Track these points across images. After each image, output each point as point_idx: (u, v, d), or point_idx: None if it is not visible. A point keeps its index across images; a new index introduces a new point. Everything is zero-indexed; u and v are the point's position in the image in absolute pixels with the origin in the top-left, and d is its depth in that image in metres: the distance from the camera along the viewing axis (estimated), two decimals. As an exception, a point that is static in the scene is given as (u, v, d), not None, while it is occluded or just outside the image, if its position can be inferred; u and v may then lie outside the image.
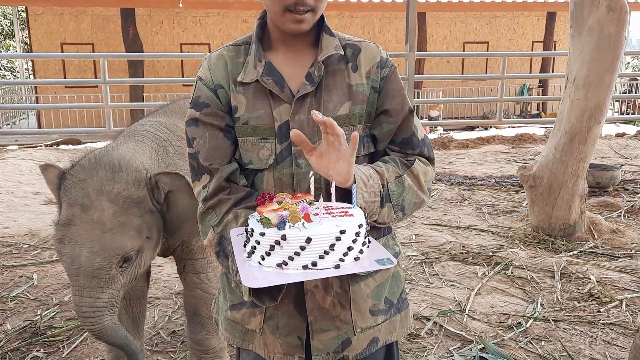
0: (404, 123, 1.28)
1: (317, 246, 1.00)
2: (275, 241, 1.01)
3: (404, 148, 1.28)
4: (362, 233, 1.06)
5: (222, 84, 1.24)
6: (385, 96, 1.27)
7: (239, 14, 13.91)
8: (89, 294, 1.80)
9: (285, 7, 1.15)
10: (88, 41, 13.53)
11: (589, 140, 4.07)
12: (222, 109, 1.24)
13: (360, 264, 1.04)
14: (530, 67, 15.70)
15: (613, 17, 3.90)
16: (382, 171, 1.20)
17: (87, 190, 1.82)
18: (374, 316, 1.29)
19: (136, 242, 1.82)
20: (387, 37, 14.88)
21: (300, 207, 1.05)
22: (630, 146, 8.13)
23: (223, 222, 1.21)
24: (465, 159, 7.63)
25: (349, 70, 1.25)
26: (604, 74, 3.98)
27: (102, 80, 7.93)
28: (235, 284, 1.19)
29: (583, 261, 3.71)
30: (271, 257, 1.02)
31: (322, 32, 1.25)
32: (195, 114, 1.24)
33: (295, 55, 1.25)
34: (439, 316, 2.95)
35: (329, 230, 1.01)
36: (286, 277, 1.01)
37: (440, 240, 4.12)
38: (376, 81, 1.26)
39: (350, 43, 1.28)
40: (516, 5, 13.49)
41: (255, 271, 1.03)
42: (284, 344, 1.26)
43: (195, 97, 1.26)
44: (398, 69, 1.32)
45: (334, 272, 1.01)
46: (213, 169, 1.22)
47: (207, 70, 1.26)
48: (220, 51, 1.28)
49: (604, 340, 2.72)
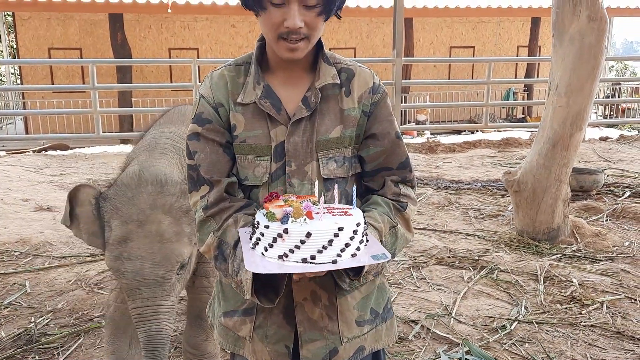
0: (396, 148, 1.35)
1: (317, 241, 1.08)
2: (278, 234, 1.09)
3: (402, 172, 1.36)
4: (360, 231, 1.13)
5: (222, 102, 1.31)
6: (374, 120, 1.34)
7: (228, 19, 13.94)
8: (153, 303, 1.88)
9: (279, 35, 1.21)
10: (76, 46, 13.49)
11: (571, 146, 4.18)
12: (222, 126, 1.31)
13: (357, 259, 1.11)
14: (516, 71, 15.90)
15: (593, 27, 4.01)
16: (380, 227, 1.27)
17: (140, 206, 1.91)
18: (360, 326, 1.36)
19: (189, 249, 1.94)
20: (374, 42, 15.00)
21: (304, 205, 1.13)
22: (613, 150, 8.29)
23: (223, 227, 1.27)
24: (452, 163, 7.74)
25: (342, 95, 1.32)
26: (585, 82, 4.09)
27: (91, 86, 7.95)
28: (235, 285, 1.25)
29: (566, 264, 3.81)
30: (274, 249, 1.10)
31: (319, 57, 1.31)
32: (198, 128, 1.31)
33: (292, 79, 1.32)
34: (426, 320, 3.03)
35: (328, 226, 1.09)
36: (286, 268, 1.09)
37: (428, 244, 4.21)
38: (367, 105, 1.33)
39: (345, 67, 1.35)
40: (501, 11, 13.67)
41: (258, 260, 1.11)
42: (272, 352, 1.33)
43: (198, 113, 1.32)
44: (385, 74, 1.40)
45: (332, 266, 1.09)
46: (214, 181, 1.29)
47: (209, 89, 1.33)
48: (222, 70, 1.35)
49: (585, 342, 2.82)
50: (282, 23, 1.19)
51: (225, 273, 1.27)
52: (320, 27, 1.25)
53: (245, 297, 1.22)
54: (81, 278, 3.63)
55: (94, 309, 3.22)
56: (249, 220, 1.26)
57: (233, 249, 1.25)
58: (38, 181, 6.50)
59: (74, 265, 3.85)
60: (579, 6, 4.03)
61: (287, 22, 1.18)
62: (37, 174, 6.94)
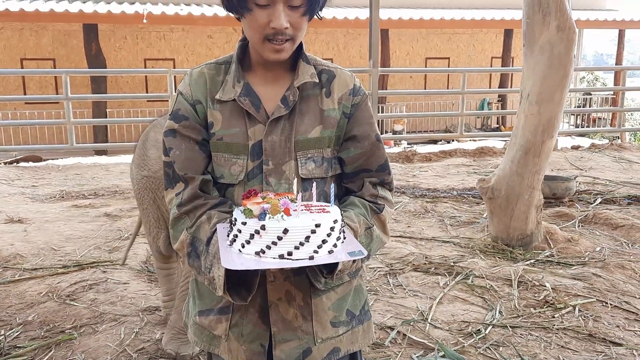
0: (375, 150, 1.37)
1: (294, 237, 1.09)
2: (255, 230, 1.09)
3: (382, 174, 1.37)
4: (337, 228, 1.14)
5: (200, 100, 1.31)
6: (354, 122, 1.35)
7: (204, 30, 13.94)
8: None
9: (265, 37, 1.22)
10: (49, 57, 13.33)
11: (543, 153, 4.26)
12: (199, 123, 1.31)
13: (334, 256, 1.12)
14: (490, 82, 16.19)
15: (562, 37, 4.11)
16: (356, 228, 1.28)
17: None
18: (335, 327, 1.36)
19: None
20: (351, 53, 15.14)
21: (282, 202, 1.14)
22: (584, 158, 8.46)
23: (196, 224, 1.27)
24: (429, 171, 7.81)
25: (322, 96, 1.33)
26: (555, 91, 4.18)
27: (64, 96, 7.84)
28: (208, 282, 1.24)
29: (539, 269, 3.87)
30: (251, 245, 1.10)
31: (299, 58, 1.32)
32: (174, 125, 1.31)
33: (273, 78, 1.32)
34: (403, 325, 3.04)
35: (305, 223, 1.10)
36: (263, 264, 1.09)
37: (404, 251, 4.23)
38: (347, 107, 1.34)
39: (326, 69, 1.36)
40: (475, 23, 13.92)
41: (235, 256, 1.11)
42: (248, 351, 1.32)
43: (175, 110, 1.32)
44: (362, 84, 1.42)
45: (308, 262, 1.09)
46: (188, 178, 1.29)
47: (187, 86, 1.33)
48: (202, 68, 1.35)
49: (558, 345, 2.85)
50: (267, 24, 1.20)
51: (198, 270, 1.27)
52: (304, 28, 1.26)
53: (217, 294, 1.21)
54: (53, 290, 3.55)
55: (66, 321, 3.15)
56: (222, 217, 1.25)
57: (206, 246, 1.24)
58: (9, 193, 6.36)
59: (45, 277, 3.77)
60: (549, 16, 4.13)
61: (273, 22, 1.19)
62: (9, 185, 6.80)
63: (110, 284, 3.65)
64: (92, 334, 3.00)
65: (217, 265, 1.18)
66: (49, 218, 5.27)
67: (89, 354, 2.78)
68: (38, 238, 4.62)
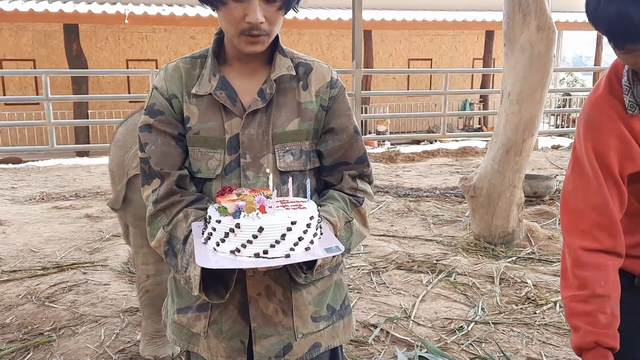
0: (354, 142, 1.36)
1: (269, 235, 1.07)
2: (230, 229, 1.07)
3: (361, 166, 1.37)
4: (314, 225, 1.12)
5: (176, 94, 1.29)
6: (332, 115, 1.34)
7: (187, 31, 13.85)
8: None
9: (241, 31, 1.20)
10: (29, 57, 13.14)
11: (523, 152, 4.30)
12: (175, 118, 1.29)
13: (310, 253, 1.11)
14: (472, 83, 16.32)
15: (542, 36, 4.16)
16: (335, 222, 1.27)
17: None
18: (316, 322, 1.35)
19: None
20: (334, 54, 15.15)
21: (257, 199, 1.12)
22: (564, 157, 8.57)
23: (173, 222, 1.25)
24: (412, 171, 7.85)
25: (299, 89, 1.32)
26: (535, 90, 4.22)
27: (44, 97, 7.73)
28: (184, 281, 1.23)
29: (521, 266, 3.90)
30: (225, 244, 1.08)
31: (276, 51, 1.31)
32: (150, 120, 1.29)
33: (249, 71, 1.31)
34: (386, 323, 3.04)
35: (281, 220, 1.08)
36: (238, 263, 1.07)
37: (388, 250, 4.24)
38: (325, 100, 1.33)
39: (303, 62, 1.35)
40: (457, 24, 14.03)
41: (210, 255, 1.09)
42: (227, 348, 1.31)
43: (150, 105, 1.30)
44: (346, 85, 1.41)
45: (285, 260, 1.08)
46: (164, 174, 1.27)
47: (162, 80, 1.31)
48: (177, 62, 1.33)
49: (540, 340, 2.88)
50: (243, 18, 1.19)
51: (175, 269, 1.25)
52: (280, 22, 1.25)
53: (194, 293, 1.20)
54: (31, 292, 3.50)
55: (45, 323, 3.10)
56: (199, 215, 1.24)
57: (182, 244, 1.22)
58: (-13, 195, 6.26)
59: (24, 279, 3.71)
60: (529, 16, 4.17)
61: (249, 17, 1.18)
62: (-13, 187, 6.69)
63: (91, 285, 3.60)
64: (71, 335, 2.96)
65: (193, 264, 1.16)
66: (29, 220, 5.19)
67: (68, 356, 2.74)
68: (17, 240, 4.55)
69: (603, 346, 1.26)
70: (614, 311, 1.29)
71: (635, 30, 1.14)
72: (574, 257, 1.33)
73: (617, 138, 1.30)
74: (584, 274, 1.30)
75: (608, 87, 1.34)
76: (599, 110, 1.34)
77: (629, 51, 1.21)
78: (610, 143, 1.31)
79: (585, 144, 1.34)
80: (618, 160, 1.31)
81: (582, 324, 1.28)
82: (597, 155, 1.32)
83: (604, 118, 1.32)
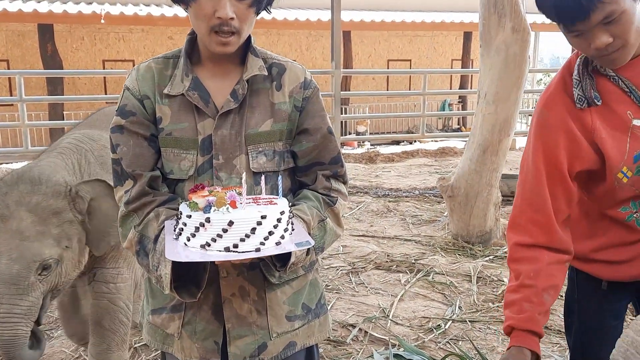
0: (328, 143, 1.36)
1: (239, 229, 1.07)
2: (200, 223, 1.08)
3: (334, 166, 1.37)
4: (284, 220, 1.12)
5: (148, 94, 1.28)
6: (306, 115, 1.34)
7: (164, 31, 13.72)
8: (7, 301, 1.84)
9: (211, 27, 1.20)
10: (2, 57, 12.89)
11: (500, 151, 4.35)
12: (147, 119, 1.28)
13: (281, 247, 1.11)
14: (451, 83, 16.45)
15: (517, 38, 4.21)
16: (308, 220, 1.27)
17: (7, 202, 1.91)
18: (291, 321, 1.35)
19: (54, 251, 1.91)
20: (314, 55, 15.15)
21: (228, 195, 1.12)
22: (541, 157, 8.69)
23: (144, 221, 1.24)
24: (391, 172, 7.89)
25: (273, 89, 1.32)
26: (511, 90, 4.28)
27: (18, 98, 7.59)
28: (156, 280, 1.22)
29: (498, 265, 3.95)
30: (196, 239, 1.09)
31: (248, 52, 1.31)
32: (121, 121, 1.28)
33: (222, 72, 1.30)
34: (364, 323, 3.05)
35: (251, 215, 1.08)
36: (209, 257, 1.07)
37: (366, 250, 4.26)
38: (299, 100, 1.33)
39: (276, 62, 1.35)
40: (435, 25, 14.12)
41: (180, 249, 1.09)
42: (201, 348, 1.30)
43: (121, 105, 1.29)
44: (325, 86, 1.41)
45: (255, 254, 1.08)
46: (136, 175, 1.26)
47: (134, 81, 1.30)
48: (149, 63, 1.32)
49: (516, 337, 2.91)
50: (213, 14, 1.18)
51: (147, 268, 1.24)
52: (251, 21, 1.25)
53: (165, 292, 1.19)
54: None
55: None
56: (171, 214, 1.23)
57: (153, 244, 1.22)
58: (-41, 198, 6.12)
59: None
60: (504, 18, 4.22)
61: (219, 12, 1.18)
62: (-41, 190, 6.54)
63: (66, 289, 3.55)
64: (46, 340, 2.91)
65: (164, 262, 1.16)
66: (2, 223, 5.09)
67: (42, 361, 2.70)
68: (-10, 244, 4.46)
69: (520, 329, 1.30)
70: (543, 300, 1.32)
71: (582, 4, 1.15)
72: (510, 251, 1.40)
73: (567, 136, 1.33)
74: (516, 267, 1.37)
75: (561, 83, 1.37)
76: (549, 108, 1.37)
77: (580, 32, 1.22)
78: (559, 141, 1.33)
79: (535, 141, 1.38)
80: (567, 159, 1.34)
81: (508, 312, 1.35)
82: (546, 153, 1.35)
83: (555, 116, 1.35)
